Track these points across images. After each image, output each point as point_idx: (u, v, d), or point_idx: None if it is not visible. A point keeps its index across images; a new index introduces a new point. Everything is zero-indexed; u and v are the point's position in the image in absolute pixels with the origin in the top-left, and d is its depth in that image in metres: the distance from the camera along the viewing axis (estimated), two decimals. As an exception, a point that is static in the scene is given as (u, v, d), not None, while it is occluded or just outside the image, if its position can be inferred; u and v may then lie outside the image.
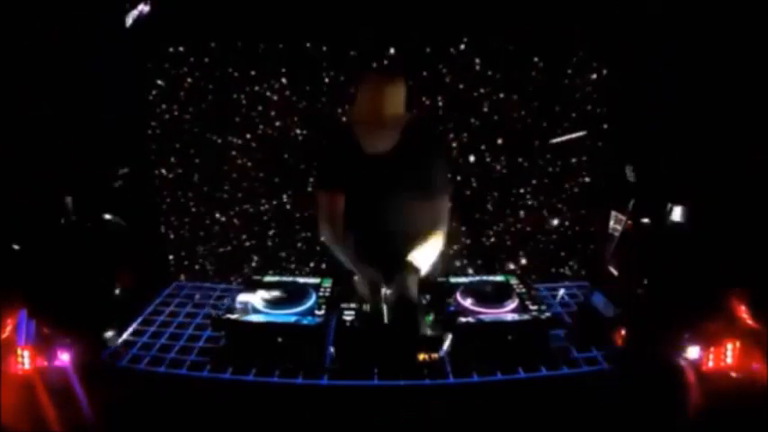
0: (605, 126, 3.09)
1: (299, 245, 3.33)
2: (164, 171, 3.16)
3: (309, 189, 3.21)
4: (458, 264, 3.30)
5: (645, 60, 2.66)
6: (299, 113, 3.13)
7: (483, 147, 3.19)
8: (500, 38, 2.96)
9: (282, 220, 3.29)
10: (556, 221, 3.26)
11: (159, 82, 3.01)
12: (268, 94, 3.09)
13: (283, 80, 3.07)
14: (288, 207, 3.27)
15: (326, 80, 3.06)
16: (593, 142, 3.13)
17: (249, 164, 3.20)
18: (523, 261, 3.32)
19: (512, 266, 3.30)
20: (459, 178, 3.19)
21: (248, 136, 3.15)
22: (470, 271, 3.28)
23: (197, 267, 3.32)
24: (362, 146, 2.07)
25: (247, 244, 3.33)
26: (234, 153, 3.18)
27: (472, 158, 3.19)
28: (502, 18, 2.81)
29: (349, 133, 2.10)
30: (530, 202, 3.27)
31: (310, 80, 3.06)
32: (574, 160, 3.18)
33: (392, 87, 2.03)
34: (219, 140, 3.15)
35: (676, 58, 2.49)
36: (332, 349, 1.79)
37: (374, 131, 2.05)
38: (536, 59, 3.03)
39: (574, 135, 1.97)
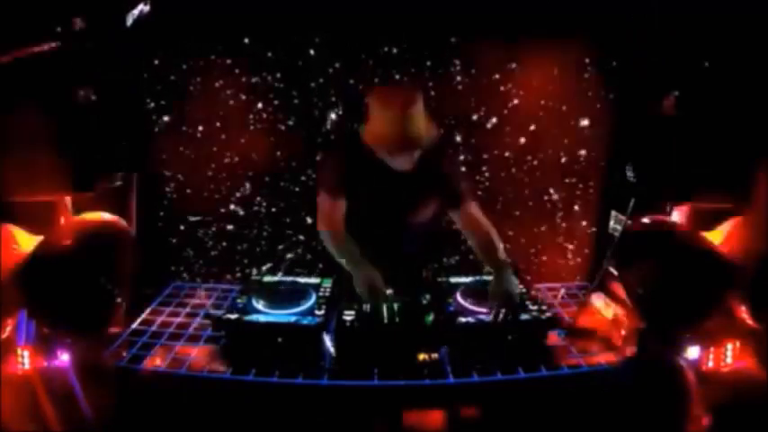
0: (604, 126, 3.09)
1: (297, 247, 3.34)
2: (163, 171, 3.16)
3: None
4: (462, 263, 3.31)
5: (646, 59, 2.66)
6: (297, 113, 3.12)
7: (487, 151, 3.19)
8: (504, 38, 2.96)
9: (281, 221, 3.29)
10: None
11: (157, 81, 3.01)
12: (264, 92, 3.09)
13: (277, 74, 3.06)
14: (274, 210, 3.26)
15: (324, 78, 3.06)
16: (597, 143, 3.14)
17: (248, 164, 3.19)
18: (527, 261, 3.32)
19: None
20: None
21: (247, 135, 3.15)
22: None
23: (196, 267, 3.31)
24: (385, 163, 2.01)
25: (245, 245, 3.33)
26: (232, 153, 3.18)
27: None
28: (503, 19, 2.81)
29: (368, 149, 2.02)
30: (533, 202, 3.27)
31: (308, 78, 3.06)
32: (582, 159, 3.18)
33: (415, 108, 1.93)
34: (218, 140, 3.14)
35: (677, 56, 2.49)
36: (332, 349, 1.79)
37: (402, 154, 1.97)
38: (536, 59, 3.03)
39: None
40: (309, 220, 3.19)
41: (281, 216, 3.29)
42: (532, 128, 3.16)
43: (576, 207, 3.27)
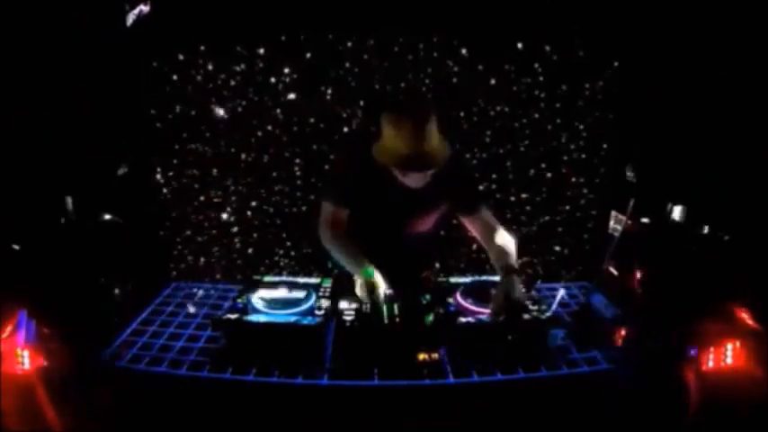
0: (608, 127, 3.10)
1: (291, 246, 3.34)
2: (163, 171, 3.16)
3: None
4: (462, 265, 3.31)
5: (646, 60, 2.66)
6: (299, 114, 3.12)
7: (484, 149, 3.20)
8: (503, 38, 2.96)
9: (280, 221, 3.30)
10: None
11: (157, 81, 3.00)
12: (267, 93, 3.09)
13: (279, 75, 3.06)
14: (275, 210, 3.26)
15: (326, 80, 3.06)
16: (598, 143, 3.14)
17: (247, 164, 3.19)
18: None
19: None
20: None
21: (248, 135, 3.15)
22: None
23: (196, 267, 3.31)
24: (396, 177, 1.99)
25: (246, 245, 3.33)
26: (234, 153, 3.18)
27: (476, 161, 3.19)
28: (503, 18, 2.82)
29: (378, 163, 1.97)
30: (533, 201, 3.28)
31: (310, 80, 3.06)
32: (582, 159, 3.19)
33: (428, 127, 1.87)
34: (220, 140, 3.14)
35: (677, 57, 2.49)
36: (330, 349, 1.80)
37: (414, 173, 1.95)
38: (536, 60, 3.04)
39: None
40: (310, 222, 3.20)
41: (283, 217, 3.29)
42: (533, 128, 3.16)
43: (576, 207, 3.28)
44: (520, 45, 2.99)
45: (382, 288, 1.93)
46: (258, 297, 1.95)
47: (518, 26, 2.87)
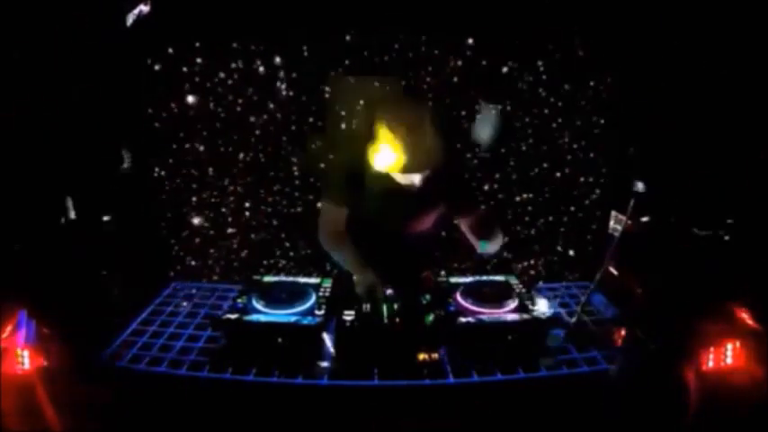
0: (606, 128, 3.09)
1: (290, 247, 3.33)
2: (160, 171, 3.16)
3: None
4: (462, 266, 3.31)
5: (647, 59, 2.66)
6: (296, 111, 3.12)
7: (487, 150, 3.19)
8: (505, 36, 2.96)
9: (279, 221, 3.29)
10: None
11: (156, 81, 3.00)
12: (266, 93, 3.09)
13: (280, 75, 3.06)
14: (273, 211, 3.26)
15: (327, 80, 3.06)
16: (601, 143, 3.13)
17: (245, 164, 3.19)
18: (527, 262, 3.32)
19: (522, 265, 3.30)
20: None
21: (249, 136, 3.15)
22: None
23: (193, 267, 3.31)
24: (395, 180, 2.01)
25: (243, 244, 3.32)
26: (234, 153, 3.18)
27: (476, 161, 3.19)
28: (506, 19, 2.81)
29: (374, 162, 1.98)
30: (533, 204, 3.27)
31: (311, 80, 3.05)
32: (583, 159, 3.18)
33: (422, 131, 1.87)
34: (220, 140, 3.14)
35: (677, 58, 2.49)
36: (332, 349, 1.80)
37: (408, 175, 1.95)
38: (536, 59, 3.03)
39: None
40: (309, 222, 3.19)
41: (281, 217, 3.29)
42: (535, 127, 3.16)
43: (580, 207, 3.27)
44: (522, 43, 2.99)
45: (381, 289, 1.93)
46: (258, 297, 1.94)
47: (519, 24, 2.87)
